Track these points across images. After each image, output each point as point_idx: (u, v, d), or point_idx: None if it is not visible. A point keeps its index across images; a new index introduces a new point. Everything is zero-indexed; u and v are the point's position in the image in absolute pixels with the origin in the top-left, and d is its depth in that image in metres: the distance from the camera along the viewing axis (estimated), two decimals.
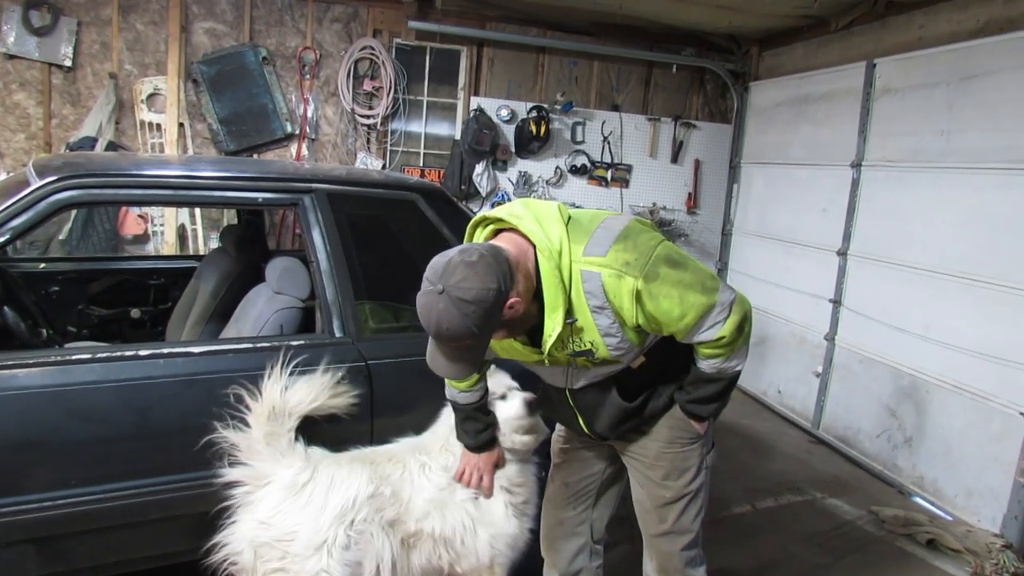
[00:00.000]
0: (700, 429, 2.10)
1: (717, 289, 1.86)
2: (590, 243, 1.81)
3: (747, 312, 1.91)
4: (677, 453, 2.12)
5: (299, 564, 2.14)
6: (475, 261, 1.68)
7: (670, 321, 1.82)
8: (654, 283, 1.78)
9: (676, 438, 2.11)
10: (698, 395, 2.02)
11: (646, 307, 1.79)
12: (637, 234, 1.85)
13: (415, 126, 6.08)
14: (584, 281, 1.79)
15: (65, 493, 2.18)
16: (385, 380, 2.59)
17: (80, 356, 2.25)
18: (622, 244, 1.81)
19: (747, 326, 1.92)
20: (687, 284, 1.81)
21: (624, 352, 1.91)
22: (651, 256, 1.80)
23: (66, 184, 2.32)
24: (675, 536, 2.16)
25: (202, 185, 2.59)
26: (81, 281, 3.83)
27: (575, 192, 6.29)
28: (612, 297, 1.79)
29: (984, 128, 3.98)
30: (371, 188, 2.85)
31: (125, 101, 5.48)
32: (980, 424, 3.93)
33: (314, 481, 2.22)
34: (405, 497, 2.31)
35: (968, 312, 4.02)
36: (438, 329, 1.69)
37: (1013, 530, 3.66)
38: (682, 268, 1.83)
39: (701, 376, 1.99)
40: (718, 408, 2.07)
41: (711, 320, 1.84)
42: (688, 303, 1.80)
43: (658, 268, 1.79)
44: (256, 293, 2.99)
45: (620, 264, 1.77)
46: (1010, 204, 3.79)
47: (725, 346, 1.89)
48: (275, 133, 5.76)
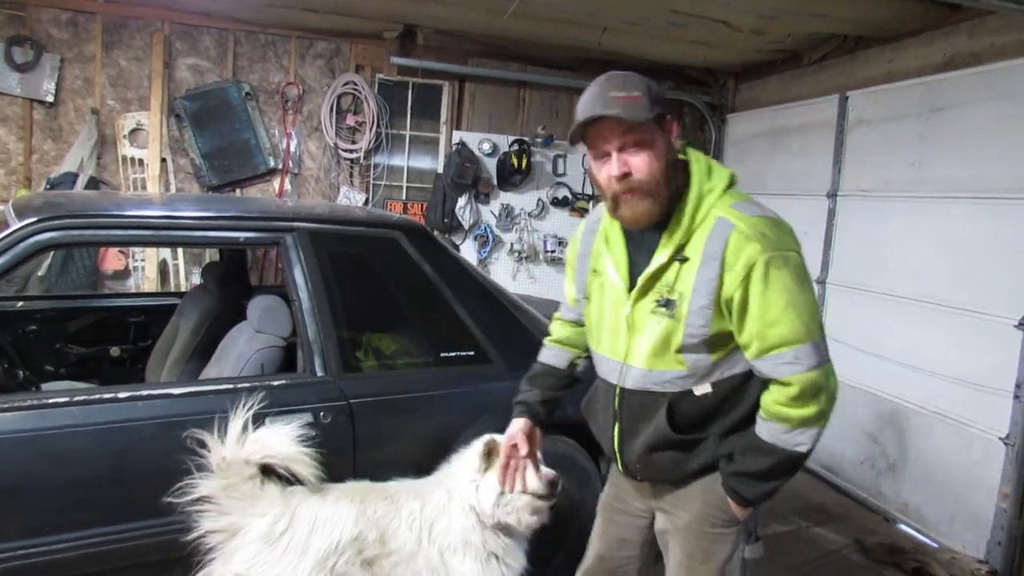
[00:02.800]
0: (739, 513, 1.80)
1: (818, 336, 1.66)
2: (743, 203, 1.71)
3: (833, 388, 1.68)
4: (706, 532, 1.84)
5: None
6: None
7: (761, 319, 1.63)
8: (775, 270, 1.62)
9: (709, 515, 1.83)
10: (744, 467, 1.73)
11: (751, 287, 1.62)
12: (786, 232, 1.71)
13: (398, 160, 6.12)
14: (715, 225, 1.67)
15: (40, 541, 2.15)
16: (367, 418, 2.58)
17: (56, 399, 2.23)
18: (768, 222, 1.68)
19: (826, 401, 1.66)
20: (798, 303, 1.64)
21: (697, 337, 1.71)
22: (787, 252, 1.66)
23: (46, 225, 2.31)
24: None
25: (183, 225, 2.60)
26: (59, 319, 3.80)
27: (558, 224, 6.34)
28: (729, 254, 1.64)
29: (953, 158, 4.07)
30: (353, 226, 2.86)
31: (107, 136, 5.48)
32: (961, 450, 3.96)
33: (293, 528, 2.17)
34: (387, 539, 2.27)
35: (945, 339, 4.07)
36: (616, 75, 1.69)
37: (997, 556, 3.68)
38: (803, 288, 1.66)
39: (754, 443, 1.72)
40: (765, 493, 1.74)
41: (793, 355, 1.63)
42: (788, 317, 1.62)
43: (787, 265, 1.64)
44: (237, 332, 2.98)
45: (757, 232, 1.64)
46: (980, 232, 3.86)
47: (795, 405, 1.65)
48: (258, 168, 5.78)
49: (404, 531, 2.29)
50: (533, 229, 6.29)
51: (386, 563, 2.26)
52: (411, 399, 2.71)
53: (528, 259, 6.29)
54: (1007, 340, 3.65)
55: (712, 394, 1.77)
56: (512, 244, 6.26)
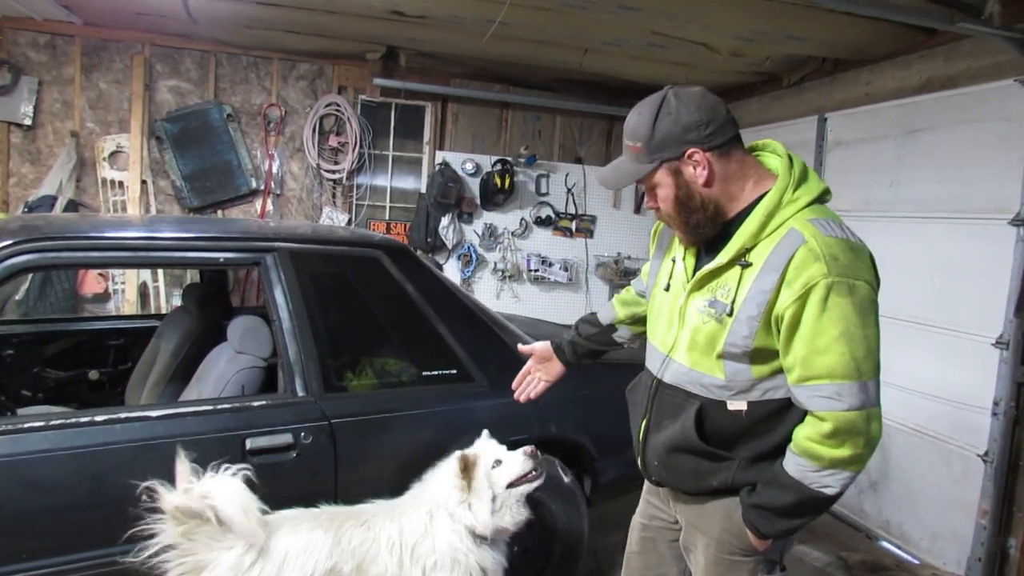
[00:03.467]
0: (757, 544, 1.74)
1: (871, 376, 1.58)
2: (825, 221, 1.62)
3: (874, 435, 1.60)
4: (722, 559, 1.80)
5: None
6: (711, 100, 1.69)
7: (809, 344, 1.56)
8: (836, 296, 1.54)
9: (727, 541, 1.79)
10: (764, 500, 1.67)
11: (807, 308, 1.55)
12: (864, 260, 1.63)
13: (381, 180, 6.13)
14: (785, 237, 1.61)
15: (18, 567, 2.12)
16: (349, 438, 2.57)
17: (32, 424, 2.20)
18: (846, 245, 1.59)
19: (863, 446, 1.58)
20: (856, 337, 1.55)
21: (740, 347, 1.67)
22: (857, 280, 1.56)
23: (23, 248, 2.29)
24: None
25: (163, 246, 2.58)
26: (37, 343, 3.75)
27: (541, 242, 6.36)
28: (791, 269, 1.57)
29: (930, 179, 4.12)
30: (334, 246, 2.86)
31: (87, 159, 5.45)
32: (941, 467, 3.98)
33: (263, 560, 2.12)
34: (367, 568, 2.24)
35: (924, 357, 4.10)
36: (629, 119, 1.74)
37: (976, 572, 3.69)
38: (866, 322, 1.57)
39: (779, 476, 1.65)
40: (784, 530, 1.69)
41: (835, 390, 1.56)
42: (839, 349, 1.54)
43: (852, 295, 1.55)
44: (218, 353, 2.97)
45: (829, 254, 1.55)
46: (957, 252, 3.91)
47: (827, 444, 1.58)
48: (240, 189, 5.76)
49: (384, 556, 2.26)
50: (516, 248, 6.31)
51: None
52: (393, 418, 2.70)
53: (512, 278, 6.30)
54: (985, 358, 3.68)
55: (746, 413, 1.72)
56: (496, 263, 6.28)
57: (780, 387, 1.69)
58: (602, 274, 6.56)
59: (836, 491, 1.60)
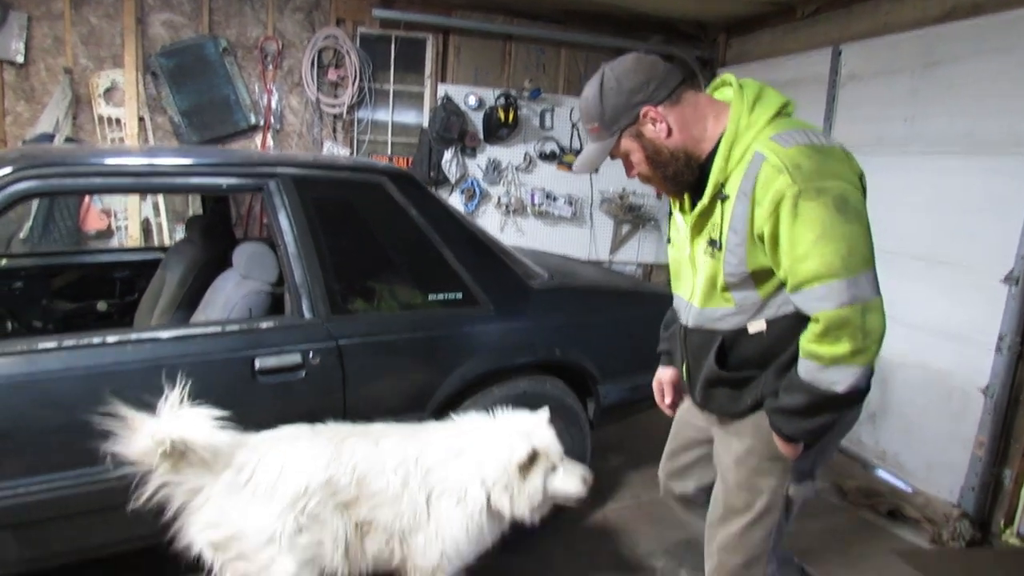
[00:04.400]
0: (784, 450, 1.80)
1: (859, 270, 1.59)
2: (784, 134, 1.66)
3: (872, 326, 1.62)
4: (754, 466, 1.89)
5: (255, 555, 2.14)
6: (647, 59, 1.77)
7: (791, 254, 1.61)
8: (805, 202, 1.57)
9: (756, 449, 1.88)
10: (783, 404, 1.73)
11: (780, 220, 1.60)
12: (835, 160, 1.66)
13: (382, 114, 6.05)
14: (751, 161, 1.66)
15: (38, 480, 2.17)
16: (356, 359, 2.60)
17: (46, 345, 2.22)
18: (810, 151, 1.62)
19: (861, 339, 1.60)
20: (835, 236, 1.57)
21: (737, 275, 1.74)
22: (826, 181, 1.59)
23: (24, 175, 2.27)
24: (732, 553, 1.97)
25: (164, 172, 2.56)
26: (44, 276, 3.78)
27: (545, 177, 6.31)
28: (758, 189, 1.63)
29: (947, 114, 4.05)
30: (337, 172, 2.84)
31: (82, 96, 5.36)
32: (940, 401, 4.03)
33: (257, 475, 2.17)
34: (367, 482, 2.27)
35: (930, 293, 4.11)
36: (580, 104, 1.83)
37: (970, 501, 3.77)
38: (844, 218, 1.58)
39: (792, 380, 1.71)
40: (806, 430, 1.73)
41: (824, 291, 1.59)
42: (817, 250, 1.57)
43: (822, 196, 1.57)
44: (223, 279, 2.98)
45: (791, 164, 1.60)
46: (971, 188, 3.87)
47: (822, 342, 1.62)
48: (239, 124, 5.69)
49: (388, 474, 2.29)
50: (520, 183, 6.27)
51: (365, 505, 2.27)
52: (400, 340, 2.73)
53: (516, 212, 6.28)
54: (992, 293, 3.69)
55: (767, 332, 1.78)
56: (499, 198, 6.24)
57: (789, 301, 1.75)
58: (607, 210, 6.53)
59: (845, 387, 1.64)
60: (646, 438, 4.46)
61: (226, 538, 2.15)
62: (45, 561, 2.35)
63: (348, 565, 2.29)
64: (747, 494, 1.92)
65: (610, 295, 3.53)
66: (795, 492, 1.91)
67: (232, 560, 2.17)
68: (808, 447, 1.81)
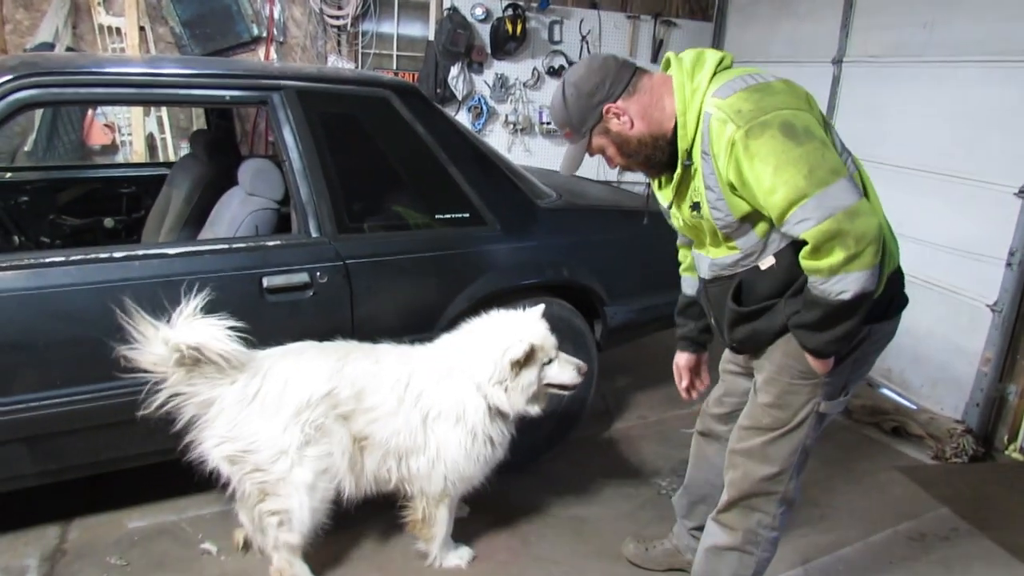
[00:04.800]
0: (815, 366, 1.84)
1: (827, 183, 1.63)
2: (722, 87, 1.76)
3: (861, 229, 1.63)
4: (786, 384, 1.93)
5: (270, 466, 2.22)
6: (598, 60, 1.89)
7: (760, 191, 1.69)
8: (754, 140, 1.66)
9: (787, 367, 1.92)
10: (801, 320, 1.79)
11: (741, 164, 1.69)
12: (773, 93, 1.74)
13: (387, 27, 5.86)
14: (702, 122, 1.77)
15: (52, 393, 2.21)
16: (363, 278, 2.60)
17: (53, 258, 2.23)
18: (747, 93, 1.72)
19: (853, 244, 1.63)
20: (791, 159, 1.64)
21: (730, 225, 1.83)
22: (767, 115, 1.68)
23: (24, 83, 2.22)
24: (759, 463, 2.02)
25: (167, 83, 2.50)
26: (50, 191, 3.75)
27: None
28: (713, 142, 1.74)
29: (968, 19, 3.90)
30: (342, 85, 2.77)
31: (80, 4, 5.19)
32: (949, 318, 4.03)
33: (265, 387, 2.22)
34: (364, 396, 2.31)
35: (942, 208, 4.05)
36: (550, 112, 2.01)
37: (974, 417, 3.82)
38: (795, 142, 1.65)
39: (807, 296, 1.76)
40: (828, 342, 1.77)
41: (801, 214, 1.65)
42: (780, 179, 1.65)
43: (768, 129, 1.66)
44: (229, 196, 2.96)
45: (733, 111, 1.70)
46: (991, 98, 3.76)
47: (817, 257, 1.67)
48: (241, 36, 5.53)
49: (385, 391, 2.33)
50: (528, 100, 6.12)
51: (362, 419, 2.32)
52: (406, 260, 2.72)
53: (523, 131, 6.16)
54: (1005, 208, 3.64)
55: (777, 265, 1.85)
56: (507, 116, 6.11)
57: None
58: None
59: (852, 293, 1.68)
60: (653, 360, 4.52)
61: (240, 452, 2.21)
62: (61, 474, 2.42)
63: (352, 479, 2.35)
64: (777, 412, 1.97)
65: (618, 215, 3.49)
66: (826, 408, 1.95)
67: (249, 473, 2.24)
68: (839, 362, 1.86)
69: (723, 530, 2.12)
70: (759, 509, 2.06)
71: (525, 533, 2.85)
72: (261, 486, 2.25)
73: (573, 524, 2.93)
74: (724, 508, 2.12)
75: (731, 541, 2.10)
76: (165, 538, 2.67)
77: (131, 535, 2.68)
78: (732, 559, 2.12)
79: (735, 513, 2.10)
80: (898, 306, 1.97)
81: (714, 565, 2.16)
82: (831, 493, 3.27)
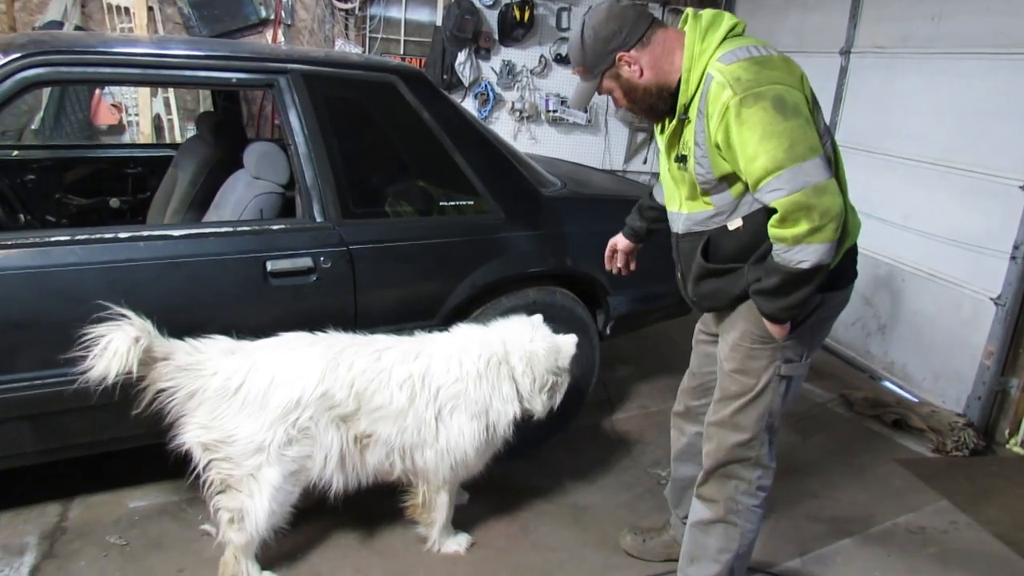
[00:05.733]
0: (773, 331, 1.98)
1: (803, 159, 1.75)
2: (728, 53, 1.87)
3: (827, 205, 1.75)
4: (747, 349, 2.07)
5: (242, 460, 2.17)
6: (617, 8, 1.98)
7: (743, 157, 1.81)
8: (746, 108, 1.78)
9: (748, 332, 2.06)
10: (761, 285, 1.92)
11: (730, 129, 1.81)
12: (772, 67, 1.84)
13: (395, 11, 5.85)
14: (704, 82, 1.88)
15: (54, 372, 2.21)
16: (367, 264, 2.60)
17: (58, 237, 2.24)
18: (748, 64, 1.83)
19: (819, 218, 1.75)
20: (776, 132, 1.76)
21: (709, 182, 1.96)
22: (762, 87, 1.79)
23: (32, 61, 2.22)
24: (729, 430, 2.13)
25: (174, 64, 2.49)
26: (57, 169, 3.75)
27: (560, 82, 6.14)
28: (710, 103, 1.85)
29: (974, 11, 3.88)
30: (349, 69, 2.76)
31: None
32: (951, 310, 4.03)
33: (249, 381, 2.17)
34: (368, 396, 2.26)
35: (947, 200, 4.05)
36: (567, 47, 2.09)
37: (975, 410, 3.82)
38: (783, 116, 1.77)
39: (768, 264, 1.90)
40: (785, 307, 1.90)
41: (775, 183, 1.77)
42: (763, 148, 1.76)
43: (761, 101, 1.78)
44: (235, 179, 2.96)
45: (732, 77, 1.81)
46: (997, 90, 3.74)
47: (784, 226, 1.79)
48: (249, 18, 5.54)
49: (393, 389, 2.29)
50: (535, 87, 6.11)
51: (366, 419, 2.28)
52: (410, 246, 2.72)
53: (530, 119, 6.15)
54: (1010, 201, 3.63)
55: (744, 228, 1.99)
56: (513, 103, 6.10)
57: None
58: (622, 116, 6.38)
59: (811, 263, 1.81)
60: (655, 349, 4.53)
61: (216, 441, 2.17)
62: (61, 452, 2.43)
63: (344, 476, 2.33)
64: (742, 377, 2.10)
65: (623, 204, 3.45)
66: (787, 371, 2.08)
67: (219, 461, 2.19)
68: (795, 327, 2.00)
69: (705, 504, 2.24)
70: (735, 476, 2.17)
71: (524, 520, 2.87)
72: (226, 478, 2.20)
73: (572, 512, 2.95)
74: (703, 481, 2.25)
75: (714, 514, 2.21)
76: (165, 518, 2.69)
77: (131, 515, 2.70)
78: (718, 531, 2.22)
79: (713, 483, 2.21)
80: (849, 278, 2.09)
81: (701, 541, 2.25)
82: (831, 485, 3.28)
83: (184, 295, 2.36)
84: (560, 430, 3.26)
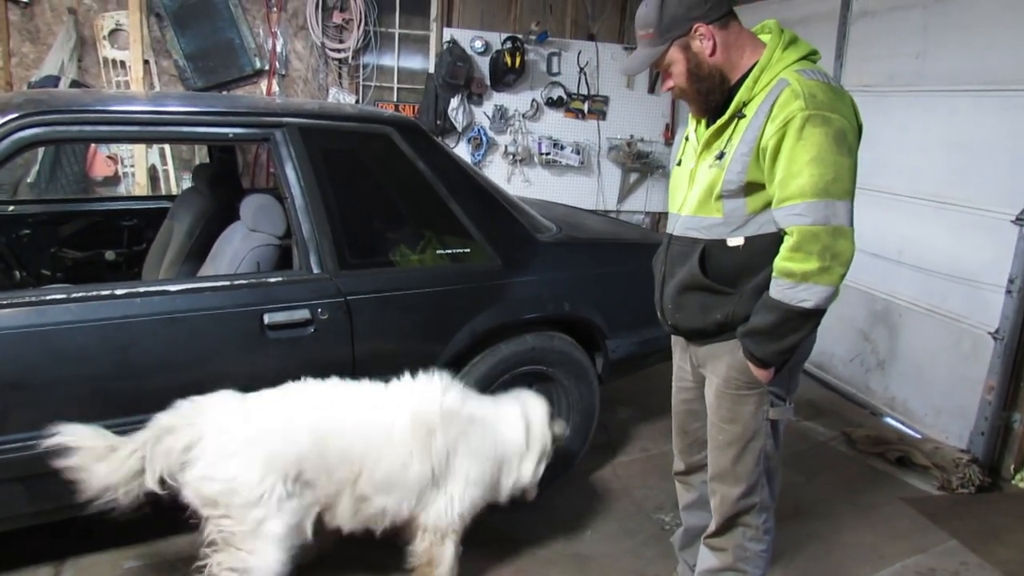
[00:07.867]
0: (759, 375, 1.96)
1: (837, 198, 1.76)
2: (810, 70, 1.85)
3: (841, 250, 1.77)
4: (733, 395, 2.05)
5: (241, 513, 2.11)
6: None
7: (785, 169, 1.78)
8: (810, 127, 1.75)
9: (733, 379, 2.03)
10: (753, 325, 1.89)
11: (786, 139, 1.78)
12: (843, 102, 1.84)
13: (387, 60, 5.94)
14: (775, 86, 1.84)
15: (43, 433, 2.17)
16: (364, 314, 2.59)
17: (54, 296, 2.22)
18: (826, 87, 1.81)
19: (829, 259, 1.76)
20: (827, 161, 1.75)
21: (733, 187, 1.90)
22: (832, 114, 1.77)
23: (29, 121, 2.23)
24: (731, 484, 2.12)
25: (171, 120, 2.52)
26: (52, 224, 3.76)
27: (552, 124, 6.22)
28: (776, 107, 1.81)
29: (958, 50, 3.95)
30: (344, 122, 2.79)
31: (87, 38, 5.29)
32: (950, 345, 4.02)
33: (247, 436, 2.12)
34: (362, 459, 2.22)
35: (940, 235, 4.07)
36: (640, 6, 1.95)
37: (979, 445, 3.79)
38: (838, 150, 1.77)
39: (765, 301, 1.87)
40: (775, 352, 1.88)
41: (804, 207, 1.76)
42: (809, 170, 1.75)
43: (825, 126, 1.76)
44: (231, 231, 2.96)
45: (808, 92, 1.78)
46: (983, 126, 3.79)
47: (794, 259, 1.78)
48: (244, 69, 5.62)
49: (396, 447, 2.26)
50: (527, 131, 6.19)
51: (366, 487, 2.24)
52: (408, 296, 2.71)
53: (523, 162, 6.21)
54: (1003, 235, 3.64)
55: (743, 248, 1.94)
56: (506, 146, 6.17)
57: (771, 221, 1.90)
58: (614, 157, 6.45)
59: (812, 304, 1.80)
60: (655, 391, 4.49)
61: (216, 494, 2.11)
62: (57, 514, 2.38)
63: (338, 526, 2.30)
64: (731, 425, 2.08)
65: (618, 247, 3.50)
66: (775, 414, 2.06)
67: (219, 517, 2.13)
68: (778, 370, 1.97)
69: (713, 553, 2.24)
70: (743, 524, 2.18)
71: (528, 571, 2.81)
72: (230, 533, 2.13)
73: (576, 561, 2.89)
74: (712, 534, 2.25)
75: (722, 563, 2.22)
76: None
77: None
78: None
79: (723, 534, 2.22)
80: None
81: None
82: (837, 527, 3.24)
83: (182, 350, 2.34)
84: (561, 475, 3.22)
